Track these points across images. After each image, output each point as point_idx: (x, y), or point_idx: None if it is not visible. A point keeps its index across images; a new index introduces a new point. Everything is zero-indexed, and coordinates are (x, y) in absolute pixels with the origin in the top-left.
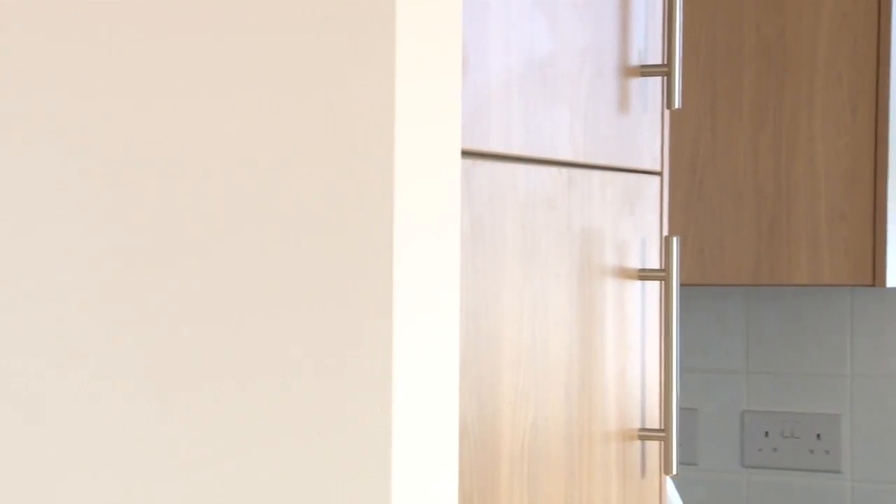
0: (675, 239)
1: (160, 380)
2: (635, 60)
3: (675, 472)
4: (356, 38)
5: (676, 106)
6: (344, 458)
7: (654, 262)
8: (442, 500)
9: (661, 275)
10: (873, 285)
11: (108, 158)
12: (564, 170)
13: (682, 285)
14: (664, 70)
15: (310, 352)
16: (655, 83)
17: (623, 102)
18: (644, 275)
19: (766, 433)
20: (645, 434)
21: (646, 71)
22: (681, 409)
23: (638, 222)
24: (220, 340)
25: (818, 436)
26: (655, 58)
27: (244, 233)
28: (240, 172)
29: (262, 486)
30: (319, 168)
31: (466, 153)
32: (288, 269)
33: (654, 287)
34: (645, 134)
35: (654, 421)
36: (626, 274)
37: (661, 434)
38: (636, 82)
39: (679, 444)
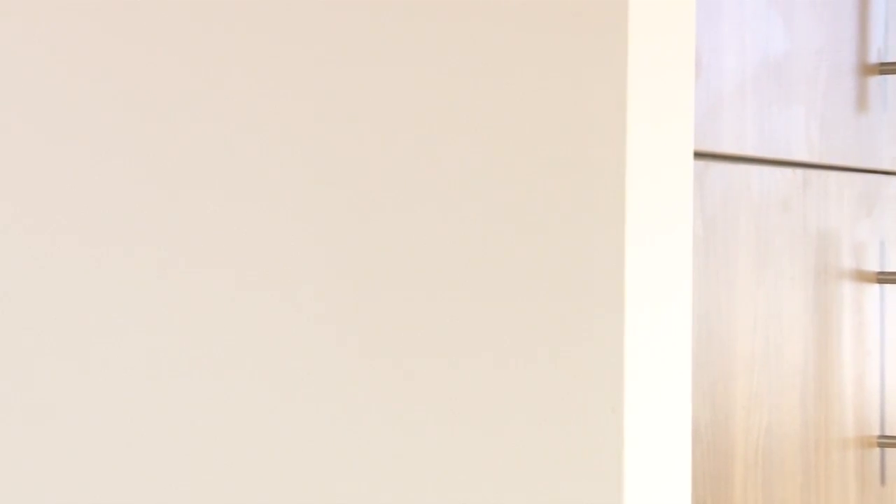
0: None
1: (386, 375)
2: (875, 58)
3: None
4: (588, 39)
5: None
6: (574, 459)
7: (893, 265)
8: None
9: None
10: None
11: (344, 160)
12: (799, 171)
13: None
14: None
15: (541, 352)
16: (895, 81)
17: (861, 101)
18: (883, 278)
19: None
20: (885, 441)
21: (885, 69)
22: None
23: (876, 224)
24: (449, 339)
25: None
26: None
27: (473, 232)
28: (470, 172)
29: (492, 487)
30: (551, 170)
31: (699, 154)
32: (518, 270)
33: (893, 290)
34: (884, 133)
35: (894, 428)
36: (863, 277)
37: None
38: (875, 80)
39: None
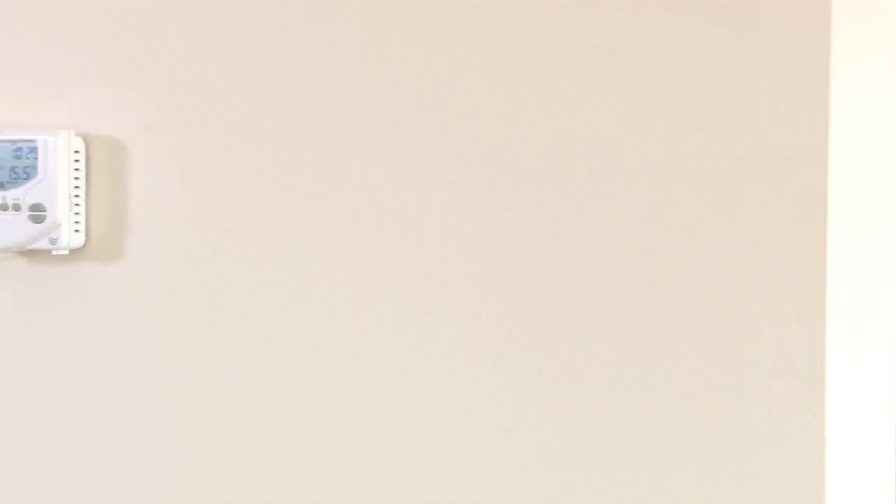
0: None
1: (592, 378)
2: None
3: None
4: (790, 47)
5: None
6: (776, 463)
7: None
8: None
9: None
10: None
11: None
12: None
13: None
14: None
15: (742, 357)
16: None
17: None
18: None
19: None
20: None
21: None
22: None
23: None
24: (645, 346)
25: None
26: None
27: (672, 237)
28: (670, 176)
29: (696, 488)
30: (754, 176)
31: None
32: (720, 273)
33: None
34: None
35: None
36: None
37: None
38: None
39: None
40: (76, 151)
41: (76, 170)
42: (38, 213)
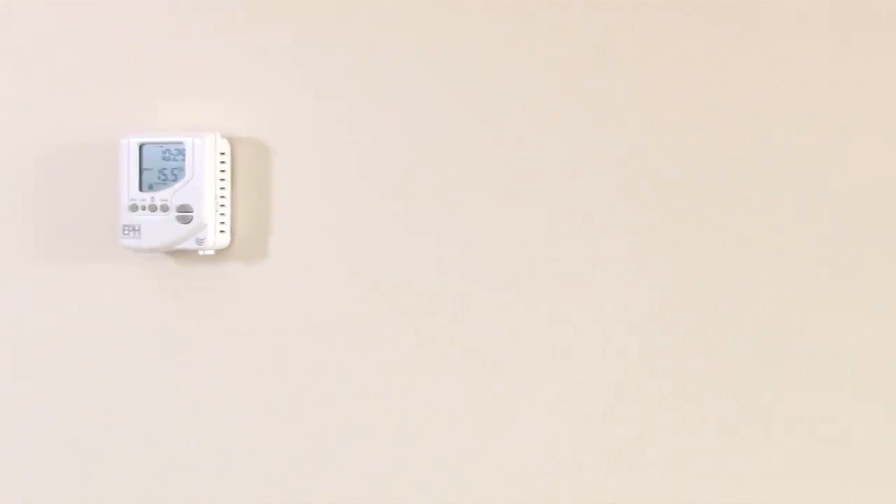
0: None
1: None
2: None
3: None
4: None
5: None
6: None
7: None
8: None
9: None
10: None
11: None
12: None
13: None
14: None
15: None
16: None
17: None
18: None
19: None
20: None
21: None
22: None
23: None
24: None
25: None
26: None
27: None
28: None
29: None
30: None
31: None
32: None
33: None
34: None
35: None
36: None
37: None
38: None
39: None
40: (222, 153)
41: (222, 171)
42: (185, 213)
